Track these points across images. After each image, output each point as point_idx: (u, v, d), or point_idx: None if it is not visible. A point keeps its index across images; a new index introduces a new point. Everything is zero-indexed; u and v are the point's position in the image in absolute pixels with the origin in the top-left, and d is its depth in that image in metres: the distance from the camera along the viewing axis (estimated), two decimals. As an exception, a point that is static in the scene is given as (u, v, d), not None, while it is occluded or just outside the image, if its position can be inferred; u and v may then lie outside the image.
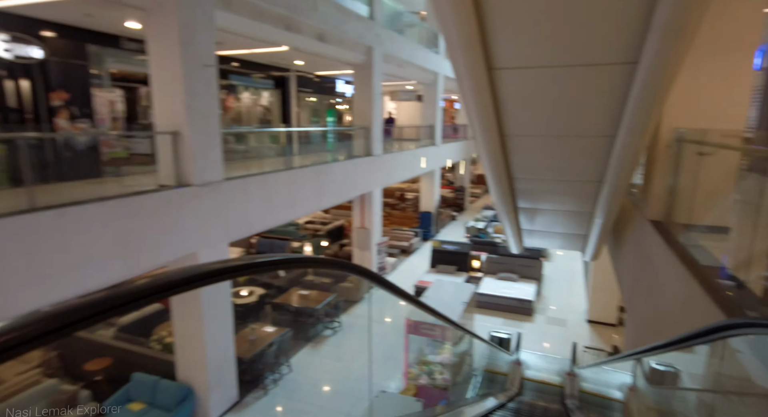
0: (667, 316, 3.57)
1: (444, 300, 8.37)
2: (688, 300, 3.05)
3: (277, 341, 8.82)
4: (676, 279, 3.39)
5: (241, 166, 9.22)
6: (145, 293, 0.94)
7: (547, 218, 6.13)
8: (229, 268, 1.22)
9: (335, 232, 18.26)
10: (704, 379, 3.42)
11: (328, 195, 10.53)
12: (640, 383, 5.69)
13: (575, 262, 16.65)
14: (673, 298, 3.46)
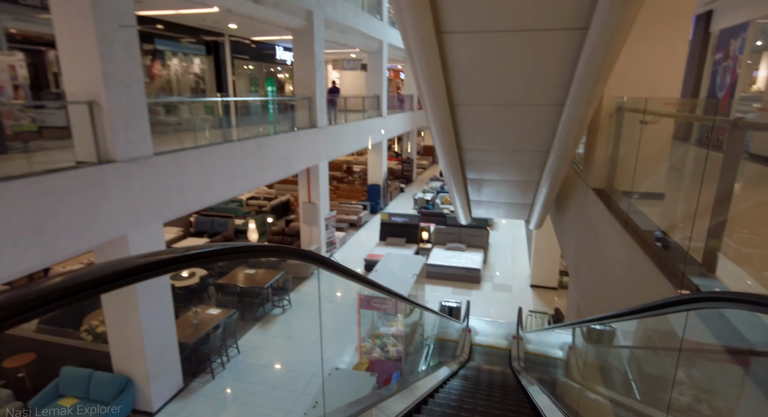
0: (610, 280, 3.66)
1: (395, 273, 8.35)
2: (631, 264, 3.11)
3: (223, 323, 8.46)
4: (619, 244, 3.46)
5: (174, 139, 8.51)
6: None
7: (494, 188, 6.16)
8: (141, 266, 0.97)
9: (281, 208, 17.73)
10: (635, 336, 3.57)
11: (270, 169, 10.04)
12: (579, 342, 6.00)
13: (519, 230, 17.31)
14: (616, 263, 3.54)
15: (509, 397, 5.21)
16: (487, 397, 5.07)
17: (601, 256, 4.02)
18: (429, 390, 4.51)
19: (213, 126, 10.46)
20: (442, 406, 4.03)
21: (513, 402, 4.90)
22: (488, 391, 5.47)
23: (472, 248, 13.78)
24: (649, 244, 2.92)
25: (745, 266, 2.37)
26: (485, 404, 4.44)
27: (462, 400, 4.50)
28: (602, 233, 4.05)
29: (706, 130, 4.34)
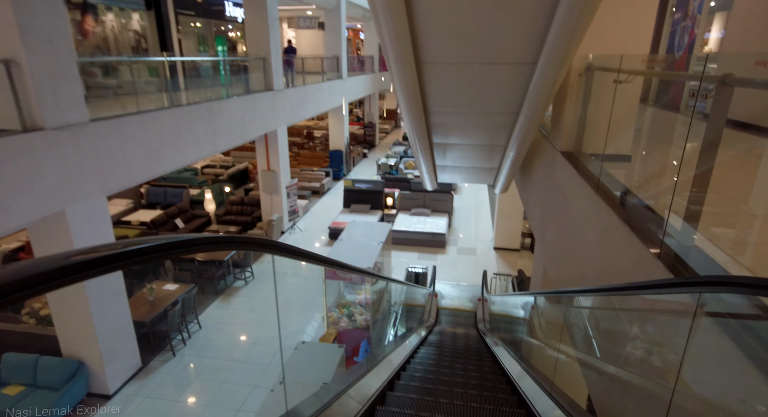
0: (581, 245, 3.61)
1: (360, 242, 8.18)
2: (604, 229, 3.03)
3: (182, 299, 8.09)
4: (590, 209, 3.38)
5: (116, 104, 7.77)
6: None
7: (461, 153, 5.99)
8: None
9: (239, 176, 17.02)
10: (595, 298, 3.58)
11: (224, 135, 9.43)
12: (541, 301, 6.13)
13: (482, 193, 17.48)
14: (587, 228, 3.48)
15: (480, 364, 5.25)
16: (451, 364, 5.09)
17: (571, 221, 3.96)
18: (400, 363, 4.44)
19: (159, 89, 9.62)
20: (415, 379, 3.97)
21: (485, 368, 4.94)
22: (455, 357, 5.50)
23: (437, 213, 13.79)
24: (623, 210, 2.83)
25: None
26: (461, 373, 4.43)
27: (434, 371, 4.47)
28: (572, 197, 3.97)
29: (673, 91, 4.27)
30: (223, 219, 13.07)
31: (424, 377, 4.03)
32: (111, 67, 10.14)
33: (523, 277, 9.46)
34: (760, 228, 2.04)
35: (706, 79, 2.04)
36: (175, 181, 16.10)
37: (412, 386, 3.88)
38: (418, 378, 3.98)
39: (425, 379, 3.97)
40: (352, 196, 14.18)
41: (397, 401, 3.27)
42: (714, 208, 2.17)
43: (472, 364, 4.85)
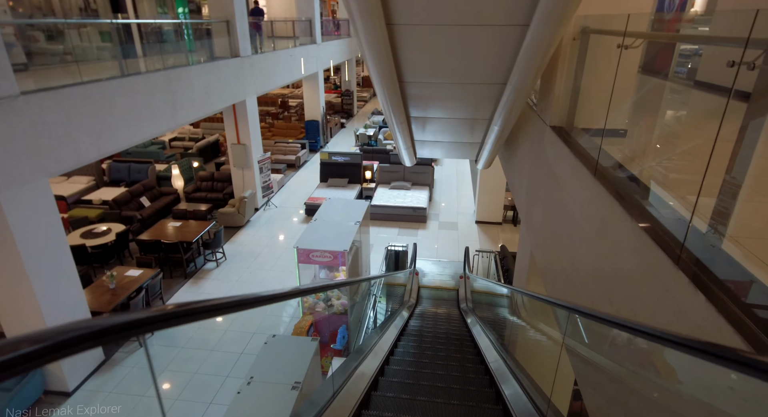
0: (574, 234, 3.22)
1: (336, 221, 7.71)
2: (604, 220, 2.64)
3: (146, 285, 7.57)
4: (586, 193, 2.98)
5: (64, 74, 6.94)
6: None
7: (442, 127, 5.49)
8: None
9: (209, 149, 16.17)
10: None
11: (185, 107, 8.67)
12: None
13: (463, 165, 17.06)
14: (582, 215, 3.08)
15: (464, 358, 4.96)
16: (432, 361, 4.79)
17: (562, 205, 3.55)
18: (379, 364, 4.09)
19: (114, 57, 8.70)
20: (398, 374, 3.63)
21: (468, 364, 4.65)
22: (436, 350, 5.21)
23: (418, 186, 13.36)
24: (629, 201, 2.41)
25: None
26: (442, 373, 4.11)
27: (413, 373, 4.14)
28: (564, 179, 3.55)
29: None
30: (193, 196, 12.38)
31: (402, 382, 3.69)
32: (57, 31, 9.12)
33: (505, 253, 9.20)
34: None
35: (754, 43, 1.57)
36: (141, 155, 15.19)
37: (395, 382, 3.54)
38: (396, 384, 3.64)
39: (403, 385, 3.63)
40: (328, 170, 13.59)
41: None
42: (754, 207, 1.76)
43: (454, 360, 4.54)
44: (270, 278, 9.25)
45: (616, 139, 3.46)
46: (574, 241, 3.19)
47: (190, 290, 8.79)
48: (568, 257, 3.32)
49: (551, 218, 3.87)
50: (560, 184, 3.63)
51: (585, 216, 2.97)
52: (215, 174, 12.88)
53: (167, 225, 9.81)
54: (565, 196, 3.46)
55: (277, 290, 2.24)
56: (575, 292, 3.10)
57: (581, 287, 2.99)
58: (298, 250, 6.65)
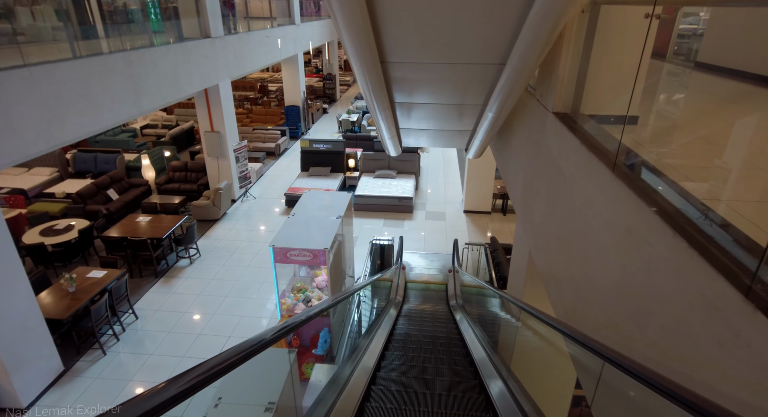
0: (588, 241, 2.77)
1: (316, 215, 7.18)
2: (629, 228, 2.19)
3: (111, 287, 6.97)
4: (600, 191, 2.52)
5: (13, 55, 6.19)
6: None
7: (429, 114, 4.97)
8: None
9: (183, 137, 15.35)
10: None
11: (151, 93, 7.96)
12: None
13: (450, 152, 16.58)
14: (594, 217, 2.63)
15: (453, 361, 4.54)
16: (419, 374, 4.36)
17: (570, 204, 3.09)
18: (366, 382, 3.64)
19: (75, 37, 7.88)
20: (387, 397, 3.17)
21: (458, 378, 4.22)
22: (422, 358, 4.78)
23: (403, 174, 12.84)
24: (668, 208, 1.95)
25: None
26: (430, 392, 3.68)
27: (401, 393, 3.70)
28: (572, 175, 3.08)
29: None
30: (165, 188, 11.66)
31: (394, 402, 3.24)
32: (7, 8, 8.24)
33: (496, 245, 8.80)
34: None
35: None
36: (109, 144, 14.34)
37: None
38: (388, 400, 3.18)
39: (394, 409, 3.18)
40: (310, 159, 12.96)
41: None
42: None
43: (444, 374, 4.11)
44: (248, 275, 8.71)
45: (630, 128, 3.01)
46: (587, 248, 2.73)
47: (161, 291, 8.20)
48: (579, 266, 2.86)
49: (556, 219, 3.40)
50: (567, 180, 3.16)
51: (602, 221, 2.51)
52: (189, 164, 12.15)
53: (135, 220, 9.14)
54: (575, 194, 3.00)
55: (255, 339, 1.72)
56: (588, 307, 2.66)
57: (596, 303, 2.55)
58: (275, 249, 6.12)
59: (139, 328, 7.29)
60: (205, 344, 6.95)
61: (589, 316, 2.60)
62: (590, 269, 2.67)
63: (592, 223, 2.67)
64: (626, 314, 2.16)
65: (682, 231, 1.75)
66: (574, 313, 2.90)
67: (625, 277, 2.20)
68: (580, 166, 2.88)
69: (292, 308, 6.50)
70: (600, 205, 2.54)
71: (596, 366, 2.10)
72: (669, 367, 1.77)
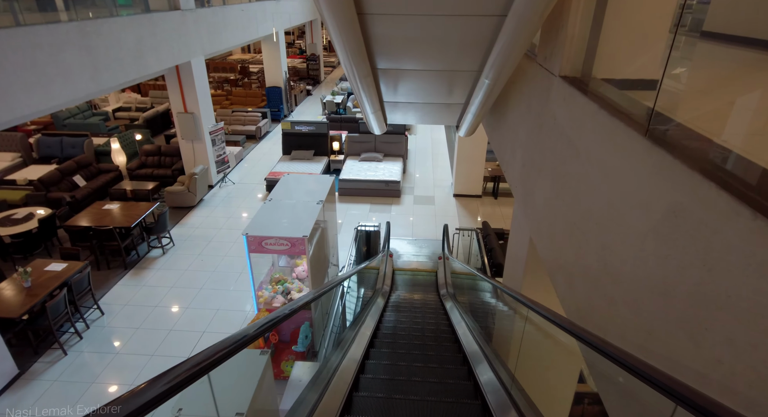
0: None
1: (296, 200, 6.62)
2: (672, 206, 1.70)
3: (72, 281, 6.38)
4: (623, 157, 2.05)
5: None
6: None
7: (417, 83, 4.43)
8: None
9: (158, 120, 14.55)
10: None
11: (112, 68, 7.25)
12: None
13: (439, 133, 16.05)
14: (614, 185, 2.16)
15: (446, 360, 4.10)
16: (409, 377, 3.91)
17: (584, 181, 2.60)
18: (347, 390, 3.17)
19: (29, 9, 7.09)
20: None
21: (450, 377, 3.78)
22: (412, 357, 4.33)
23: (390, 157, 12.28)
24: (730, 179, 1.46)
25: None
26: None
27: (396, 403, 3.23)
28: (587, 146, 2.58)
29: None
30: (137, 173, 10.96)
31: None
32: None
33: (488, 230, 8.36)
34: None
35: None
36: (79, 128, 13.49)
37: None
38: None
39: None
40: (292, 141, 12.32)
41: None
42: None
43: (435, 375, 3.66)
44: (225, 266, 8.16)
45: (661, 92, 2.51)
46: (608, 233, 2.24)
47: (130, 283, 7.62)
48: (596, 255, 2.38)
49: (564, 199, 2.92)
50: (580, 154, 2.66)
51: (630, 199, 2.02)
52: (162, 147, 11.43)
53: (102, 208, 8.49)
54: (590, 169, 2.50)
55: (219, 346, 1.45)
56: (611, 306, 2.19)
57: (623, 302, 2.07)
58: (248, 238, 5.57)
59: (104, 324, 6.73)
60: (177, 341, 6.43)
61: (613, 317, 2.13)
62: (613, 260, 2.19)
63: (615, 202, 2.18)
64: (671, 320, 1.68)
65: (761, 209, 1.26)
66: (591, 313, 2.43)
67: (668, 272, 1.72)
68: (599, 134, 2.38)
69: (270, 301, 6.00)
70: (628, 181, 2.05)
71: (628, 384, 1.63)
72: (746, 398, 1.30)
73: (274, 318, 2.19)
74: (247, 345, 1.80)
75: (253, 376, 3.82)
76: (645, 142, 1.91)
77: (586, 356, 2.38)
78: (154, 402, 1.03)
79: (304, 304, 3.09)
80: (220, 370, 2.98)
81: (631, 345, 1.96)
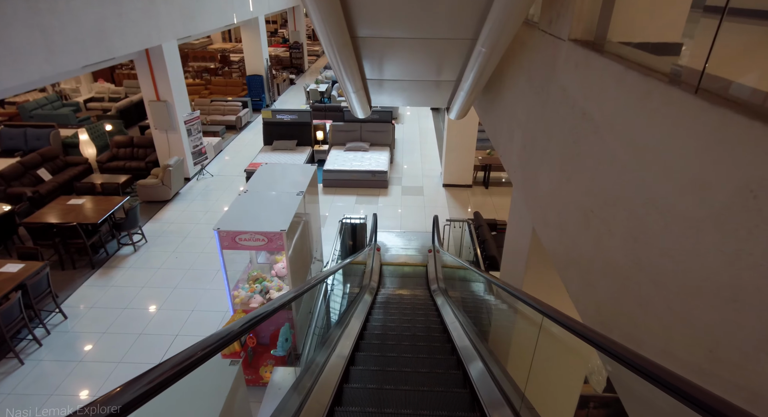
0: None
1: (274, 191, 6.12)
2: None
3: (28, 282, 5.82)
4: (664, 123, 1.61)
5: None
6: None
7: (403, 57, 3.95)
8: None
9: (133, 111, 13.83)
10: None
11: (70, 50, 6.63)
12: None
13: (427, 121, 15.58)
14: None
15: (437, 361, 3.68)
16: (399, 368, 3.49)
17: (605, 159, 2.15)
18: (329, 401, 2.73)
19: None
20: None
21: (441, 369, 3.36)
22: (401, 351, 3.91)
23: (377, 147, 11.79)
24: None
25: None
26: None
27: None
28: (609, 117, 2.14)
29: None
30: (108, 166, 10.32)
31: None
32: None
33: (480, 220, 7.95)
34: None
35: None
36: (47, 119, 12.73)
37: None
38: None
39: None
40: (273, 131, 11.74)
41: None
42: None
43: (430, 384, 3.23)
44: (201, 263, 7.64)
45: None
46: (643, 222, 1.81)
47: (98, 284, 7.06)
48: (626, 249, 1.95)
49: (579, 183, 2.47)
50: (599, 127, 2.22)
51: (677, 178, 1.58)
52: (135, 139, 10.78)
53: (67, 203, 7.87)
54: (615, 145, 2.05)
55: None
56: (646, 312, 1.76)
57: (667, 309, 1.65)
58: (220, 234, 5.07)
59: (68, 329, 6.18)
60: (147, 346, 5.92)
61: (650, 326, 1.71)
62: (650, 255, 1.76)
63: (653, 183, 1.74)
64: (747, 336, 1.26)
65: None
66: (617, 317, 2.00)
67: (740, 273, 1.29)
68: (627, 100, 1.94)
69: (247, 301, 5.51)
70: (673, 154, 1.61)
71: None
72: None
73: (226, 333, 1.73)
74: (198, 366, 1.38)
75: (221, 390, 3.35)
76: (698, 101, 1.46)
77: (612, 370, 1.97)
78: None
79: (280, 307, 2.63)
80: (178, 387, 2.44)
81: (682, 364, 1.53)
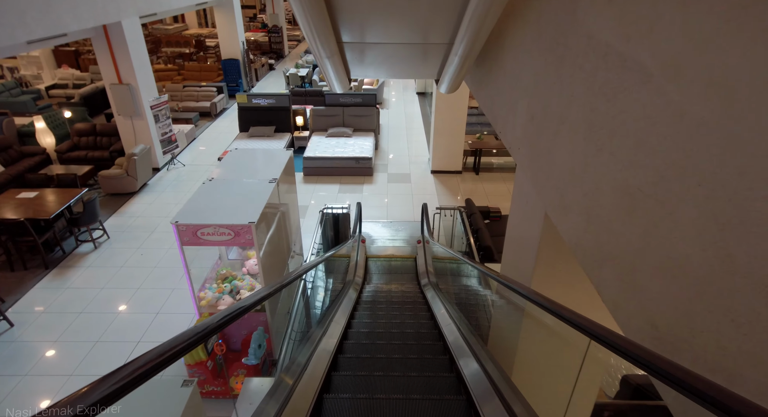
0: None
1: (243, 180, 5.46)
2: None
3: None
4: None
5: None
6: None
7: (385, 15, 3.34)
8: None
9: (98, 98, 12.91)
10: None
11: (9, 24, 5.84)
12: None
13: (413, 106, 14.95)
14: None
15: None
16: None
17: (674, 122, 1.56)
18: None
19: None
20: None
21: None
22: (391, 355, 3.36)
23: (360, 132, 11.14)
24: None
25: None
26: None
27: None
28: (673, 58, 1.54)
29: None
30: (68, 156, 9.51)
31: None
32: None
33: (472, 208, 7.41)
34: None
35: None
36: (4, 106, 11.79)
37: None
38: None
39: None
40: (250, 117, 11.00)
41: None
42: None
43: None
44: (169, 260, 6.96)
45: None
46: (738, 206, 1.24)
47: (51, 286, 6.35)
48: (704, 243, 1.37)
49: (615, 153, 1.88)
50: (652, 74, 1.63)
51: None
52: (98, 127, 9.95)
53: (16, 197, 7.10)
54: (684, 94, 1.47)
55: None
56: (753, 337, 1.20)
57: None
58: (179, 228, 4.42)
59: (14, 338, 5.49)
60: (103, 355, 5.27)
61: (762, 357, 1.14)
62: (756, 251, 1.18)
63: (749, 141, 1.16)
64: None
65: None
66: (690, 337, 1.44)
67: None
68: (705, 27, 1.35)
69: (214, 304, 4.89)
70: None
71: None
72: None
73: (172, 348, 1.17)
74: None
75: (176, 406, 2.74)
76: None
77: (674, 404, 1.43)
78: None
79: (246, 310, 2.02)
80: (134, 406, 1.78)
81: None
